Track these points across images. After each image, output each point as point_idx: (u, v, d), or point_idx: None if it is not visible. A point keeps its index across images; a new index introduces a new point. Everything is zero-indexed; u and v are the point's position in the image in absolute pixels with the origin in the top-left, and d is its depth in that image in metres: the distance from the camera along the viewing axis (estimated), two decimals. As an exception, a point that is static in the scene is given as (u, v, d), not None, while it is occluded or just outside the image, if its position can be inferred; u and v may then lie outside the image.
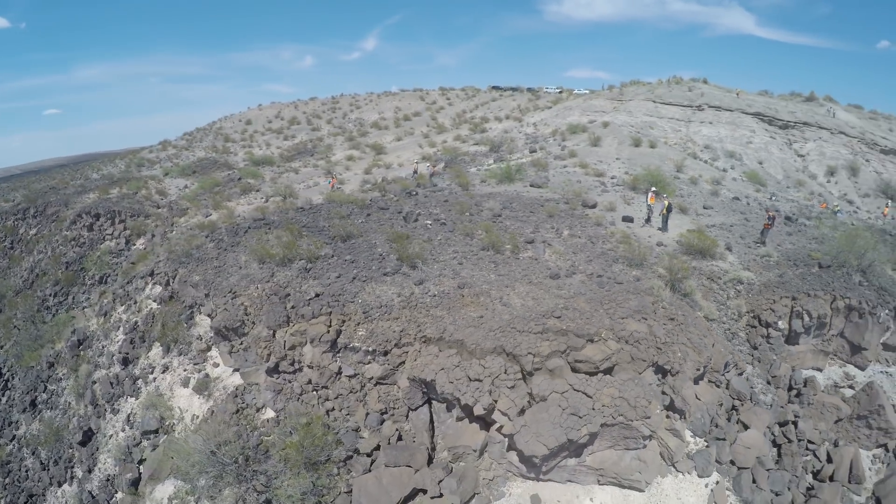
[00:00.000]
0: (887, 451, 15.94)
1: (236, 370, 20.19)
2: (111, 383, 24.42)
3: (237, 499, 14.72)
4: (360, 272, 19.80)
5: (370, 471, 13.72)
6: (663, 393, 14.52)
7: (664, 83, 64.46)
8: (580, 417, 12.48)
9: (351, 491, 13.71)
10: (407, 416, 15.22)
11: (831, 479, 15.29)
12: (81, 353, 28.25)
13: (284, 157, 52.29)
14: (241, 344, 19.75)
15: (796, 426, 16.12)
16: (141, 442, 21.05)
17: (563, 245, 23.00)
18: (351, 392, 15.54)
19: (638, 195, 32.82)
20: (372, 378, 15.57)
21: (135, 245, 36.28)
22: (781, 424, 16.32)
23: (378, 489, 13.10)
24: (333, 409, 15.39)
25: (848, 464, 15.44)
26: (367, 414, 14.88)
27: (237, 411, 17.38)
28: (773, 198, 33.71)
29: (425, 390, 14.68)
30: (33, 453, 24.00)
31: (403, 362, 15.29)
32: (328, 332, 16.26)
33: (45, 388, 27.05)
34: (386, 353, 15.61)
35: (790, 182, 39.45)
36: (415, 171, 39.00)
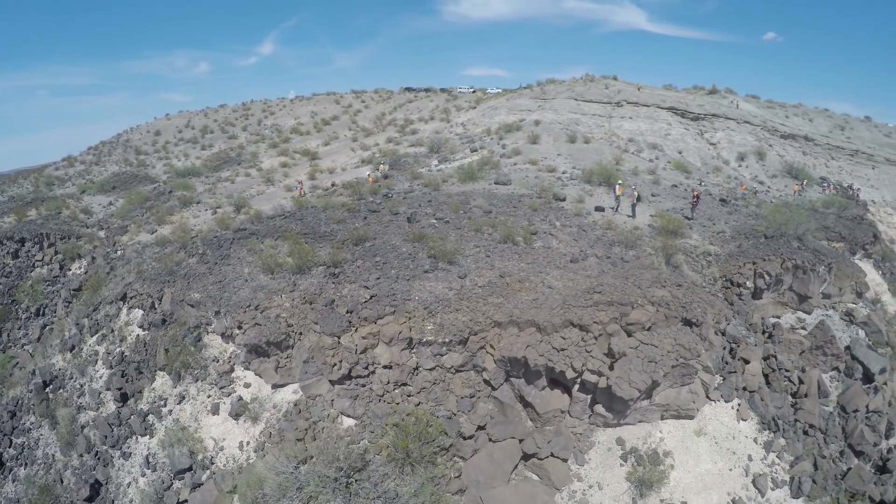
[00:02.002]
0: (839, 371, 22.33)
1: (280, 386, 20.99)
2: (110, 425, 23.72)
3: None
4: (399, 272, 22.17)
5: (477, 451, 16.40)
6: (694, 343, 19.18)
7: (580, 81, 73.00)
8: (656, 363, 16.66)
9: (460, 476, 16.20)
10: (488, 396, 18.12)
11: (805, 395, 21.10)
12: (51, 395, 26.67)
13: (209, 167, 51.36)
14: (288, 357, 20.84)
15: (776, 359, 21.89)
16: (172, 484, 20.56)
17: (561, 234, 27.24)
18: (434, 384, 18.02)
19: (594, 187, 38.32)
20: (451, 367, 18.20)
21: (71, 270, 34.06)
22: (765, 359, 22.01)
23: (490, 464, 16.01)
24: (420, 403, 17.70)
25: (815, 383, 21.46)
26: (458, 400, 17.51)
27: (310, 426, 18.49)
28: (702, 183, 41.56)
29: (508, 368, 17.76)
30: (18, 521, 22.47)
31: (482, 347, 18.16)
32: (402, 330, 18.49)
33: (11, 442, 25.19)
34: (463, 342, 18.37)
35: (708, 168, 48.37)
36: (383, 174, 41.42)
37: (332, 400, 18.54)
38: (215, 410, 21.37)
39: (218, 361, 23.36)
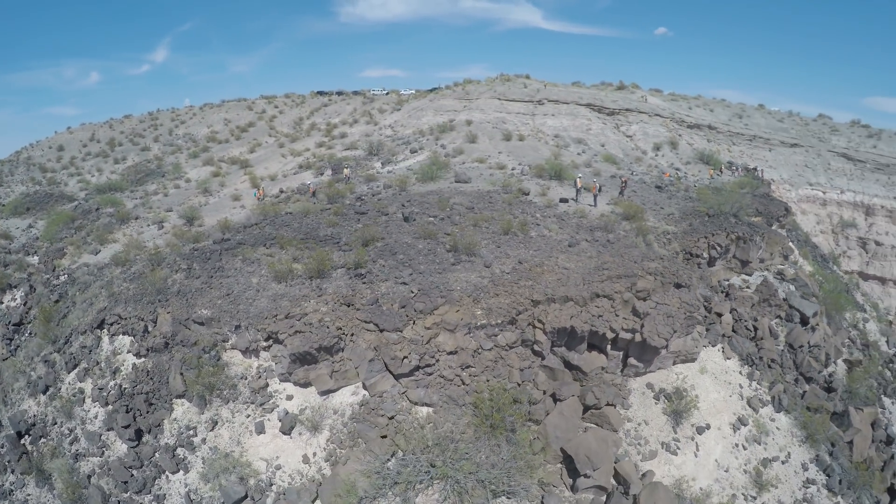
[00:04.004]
0: (781, 318, 29.43)
1: (331, 391, 22.21)
2: (127, 468, 22.54)
3: (448, 494, 17.74)
4: (428, 267, 25.36)
5: (548, 412, 20.33)
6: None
7: (498, 80, 79.63)
8: (672, 317, 21.88)
9: (537, 437, 19.86)
10: (540, 366, 22.09)
11: (762, 338, 27.79)
12: (31, 447, 25.29)
13: (131, 181, 49.81)
14: (341, 360, 22.55)
15: (737, 311, 28.42)
16: (227, 518, 20.32)
17: (546, 224, 31.98)
18: (495, 362, 21.59)
19: (547, 181, 43.77)
20: (506, 345, 21.88)
21: (3, 303, 32.01)
22: (729, 312, 28.40)
23: (563, 420, 20.14)
24: (488, 380, 21.08)
25: (767, 328, 28.35)
26: (520, 372, 21.29)
27: (389, 422, 20.48)
28: (633, 173, 49.09)
29: (555, 339, 21.90)
30: None
31: (530, 324, 22.10)
32: (463, 317, 21.77)
33: (-11, 512, 23.57)
34: (513, 322, 22.17)
35: (630, 159, 56.61)
36: (347, 178, 43.54)
37: (405, 392, 21.08)
38: (260, 429, 21.51)
39: (246, 378, 23.44)
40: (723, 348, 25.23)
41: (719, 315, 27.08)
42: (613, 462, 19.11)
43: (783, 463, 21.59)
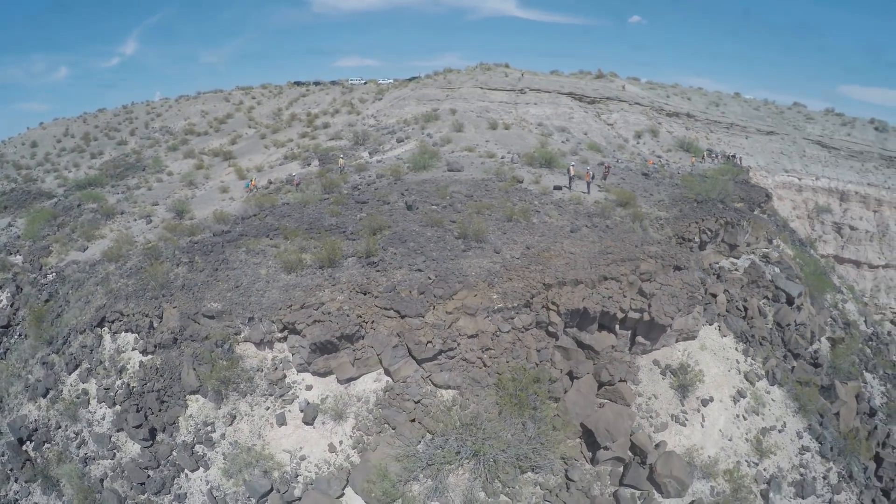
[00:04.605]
0: (769, 299, 31.45)
1: (353, 379, 22.66)
2: (143, 469, 22.29)
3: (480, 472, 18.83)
4: (440, 254, 26.30)
5: (567, 390, 21.62)
6: (687, 284, 26.44)
7: (478, 69, 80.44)
8: (676, 297, 23.42)
9: (557, 414, 21.09)
10: (554, 346, 23.34)
11: (752, 317, 29.73)
12: (35, 453, 24.82)
13: (111, 176, 49.14)
14: (362, 348, 23.11)
15: (728, 292, 30.28)
16: (255, 511, 20.39)
17: (546, 210, 33.18)
18: (513, 343, 22.73)
19: (537, 169, 44.94)
20: (522, 327, 23.03)
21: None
22: (723, 292, 30.24)
23: (580, 396, 21.53)
24: (508, 361, 22.19)
25: (756, 308, 30.34)
26: (537, 353, 22.47)
27: (415, 406, 21.21)
28: (619, 161, 50.81)
29: (567, 320, 23.17)
30: None
31: (545, 306, 23.29)
32: (482, 301, 22.78)
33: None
34: (528, 305, 23.32)
35: (613, 147, 58.41)
36: (342, 168, 43.95)
37: (429, 376, 21.96)
38: (281, 421, 21.64)
39: (262, 371, 23.56)
40: (719, 326, 27.02)
41: (714, 296, 28.87)
42: (629, 434, 20.58)
43: (780, 432, 23.52)
